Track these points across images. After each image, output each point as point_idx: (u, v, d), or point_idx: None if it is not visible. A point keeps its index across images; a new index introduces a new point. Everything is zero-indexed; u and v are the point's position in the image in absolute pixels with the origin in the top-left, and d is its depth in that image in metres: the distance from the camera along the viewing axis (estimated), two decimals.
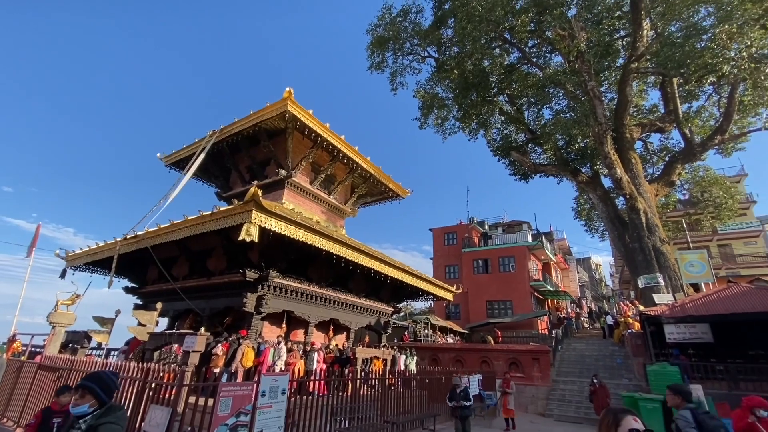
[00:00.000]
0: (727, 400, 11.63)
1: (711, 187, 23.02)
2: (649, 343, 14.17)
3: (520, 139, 26.13)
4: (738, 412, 5.68)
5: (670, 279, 17.69)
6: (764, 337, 12.93)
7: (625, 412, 1.65)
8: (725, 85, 19.11)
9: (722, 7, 14.44)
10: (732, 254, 29.41)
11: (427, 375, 12.44)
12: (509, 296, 24.46)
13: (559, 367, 17.37)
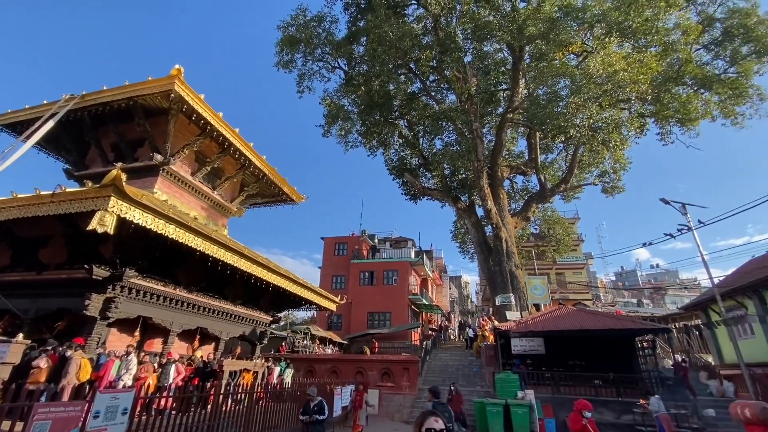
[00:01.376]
0: (551, 402, 14.09)
1: (555, 225, 28.19)
2: (498, 354, 16.36)
3: (414, 162, 28.14)
4: (573, 415, 6.60)
5: (520, 299, 20.90)
6: (581, 350, 16.13)
7: (430, 413, 1.88)
8: (571, 145, 23.81)
9: (575, 83, 18.10)
10: (564, 281, 36.31)
11: (299, 387, 12.09)
12: (389, 308, 25.67)
13: (425, 376, 18.74)
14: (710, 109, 19.82)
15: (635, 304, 41.36)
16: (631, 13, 17.21)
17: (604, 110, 19.21)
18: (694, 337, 22.21)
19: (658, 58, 17.89)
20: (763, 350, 15.04)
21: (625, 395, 13.72)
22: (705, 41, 20.60)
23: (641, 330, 15.53)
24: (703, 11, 20.62)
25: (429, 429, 1.84)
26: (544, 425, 13.16)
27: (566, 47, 19.17)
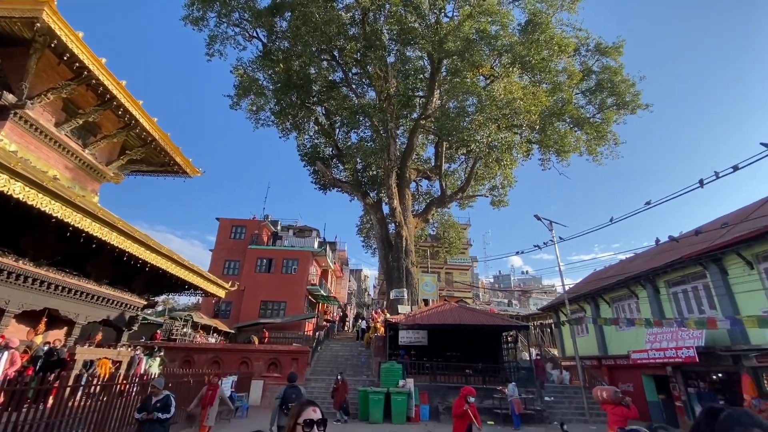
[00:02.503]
0: (428, 389, 15.35)
1: (449, 229, 30.69)
2: (387, 345, 17.20)
3: (328, 152, 27.79)
4: (457, 401, 7.21)
5: (412, 294, 22.27)
6: (458, 342, 17.88)
7: (309, 404, 1.75)
8: (471, 158, 26.13)
9: (481, 102, 19.88)
10: (452, 280, 39.80)
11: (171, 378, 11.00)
12: (285, 297, 24.97)
13: (314, 366, 18.75)
14: (579, 145, 23.72)
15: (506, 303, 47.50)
16: (532, 50, 19.58)
17: (501, 131, 21.54)
18: (547, 334, 26.46)
19: (548, 94, 20.71)
20: (593, 346, 18.61)
21: (489, 383, 15.64)
22: (583, 88, 24.52)
23: (507, 326, 17.88)
24: (584, 62, 24.50)
25: (307, 420, 1.70)
26: (419, 411, 14.27)
27: (478, 68, 20.94)
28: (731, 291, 11.95)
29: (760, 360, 10.85)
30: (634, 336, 14.87)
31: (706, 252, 12.22)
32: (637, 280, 15.69)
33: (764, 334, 10.40)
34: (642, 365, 14.48)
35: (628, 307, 16.92)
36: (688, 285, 13.91)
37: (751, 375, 11.16)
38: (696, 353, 11.72)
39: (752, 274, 11.39)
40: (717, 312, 12.17)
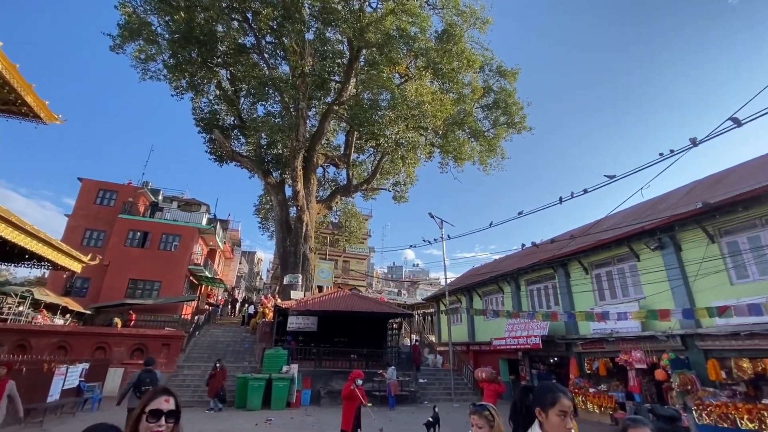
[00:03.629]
0: (312, 375, 15.43)
1: (352, 218, 31.09)
2: (274, 331, 16.73)
3: (229, 121, 25.50)
4: (347, 384, 7.62)
5: (307, 280, 22.00)
6: (348, 329, 18.29)
7: (163, 392, 1.60)
8: (379, 152, 26.80)
9: (394, 99, 20.45)
10: (349, 269, 40.51)
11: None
12: (161, 276, 22.26)
13: (189, 352, 17.24)
14: (474, 155, 26.22)
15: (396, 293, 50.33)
16: (445, 59, 20.86)
17: (409, 131, 22.55)
18: (428, 322, 28.86)
19: (453, 103, 22.35)
20: (464, 333, 20.92)
21: (372, 367, 16.40)
22: (482, 103, 27.08)
23: (394, 314, 18.97)
24: (486, 80, 27.05)
25: (154, 410, 1.51)
26: (300, 396, 14.26)
27: (395, 65, 21.48)
28: (571, 291, 14.64)
29: (584, 347, 13.57)
30: (497, 325, 17.17)
31: (556, 258, 14.73)
32: (504, 278, 18.10)
33: (589, 326, 13.01)
34: (500, 350, 16.83)
35: (495, 300, 19.44)
36: (541, 284, 16.59)
37: (577, 359, 13.90)
38: (540, 341, 14.09)
39: (587, 278, 14.14)
40: (559, 307, 14.80)
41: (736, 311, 8.11)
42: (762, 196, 9.02)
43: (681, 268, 10.88)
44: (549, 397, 1.70)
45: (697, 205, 10.27)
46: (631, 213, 14.33)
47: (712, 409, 9.00)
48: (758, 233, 9.62)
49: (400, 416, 12.86)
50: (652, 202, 14.72)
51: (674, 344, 10.53)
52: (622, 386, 12.03)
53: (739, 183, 10.59)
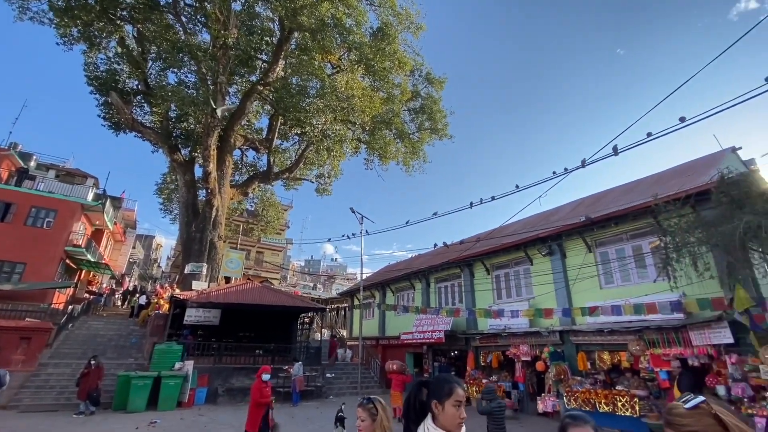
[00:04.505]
0: (211, 371, 14.27)
1: (270, 207, 29.56)
2: (168, 324, 15.10)
3: (132, 85, 22.36)
4: (256, 385, 7.28)
5: (212, 270, 20.30)
6: (255, 323, 17.32)
7: None
8: (305, 141, 25.91)
9: (323, 88, 19.89)
10: (262, 260, 38.56)
11: None
12: (26, 258, 18.56)
13: (59, 348, 14.73)
14: (398, 155, 26.86)
15: (312, 287, 49.46)
16: (377, 57, 20.93)
17: (336, 123, 22.19)
18: (341, 317, 28.83)
19: (382, 102, 22.57)
20: (375, 328, 21.31)
21: (279, 362, 15.77)
22: (410, 106, 27.88)
23: (306, 308, 18.52)
24: (416, 85, 27.88)
25: None
26: (194, 395, 13.11)
27: (327, 54, 20.91)
28: (474, 289, 15.81)
29: (481, 341, 14.76)
30: (406, 320, 17.81)
31: (463, 259, 15.79)
32: (416, 275, 18.87)
33: (486, 322, 14.19)
34: (407, 344, 17.49)
35: (407, 296, 20.17)
36: (449, 282, 17.64)
37: (474, 352, 15.06)
38: (444, 335, 14.96)
39: (488, 278, 15.40)
40: (462, 305, 15.88)
41: (603, 311, 9.51)
42: (629, 214, 10.72)
43: (564, 272, 12.44)
44: (446, 388, 1.73)
45: (581, 219, 11.82)
46: (529, 222, 15.99)
47: (578, 395, 10.44)
48: (623, 246, 11.43)
49: (303, 412, 12.56)
50: (546, 214, 16.59)
51: (554, 339, 11.99)
52: (510, 377, 13.35)
53: (614, 202, 12.47)
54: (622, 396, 9.61)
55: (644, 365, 9.64)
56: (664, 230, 8.72)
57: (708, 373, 8.73)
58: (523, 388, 12.65)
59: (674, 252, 7.85)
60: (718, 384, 8.33)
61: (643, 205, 9.77)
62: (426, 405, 1.79)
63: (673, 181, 11.31)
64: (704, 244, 7.52)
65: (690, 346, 8.87)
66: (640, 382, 9.86)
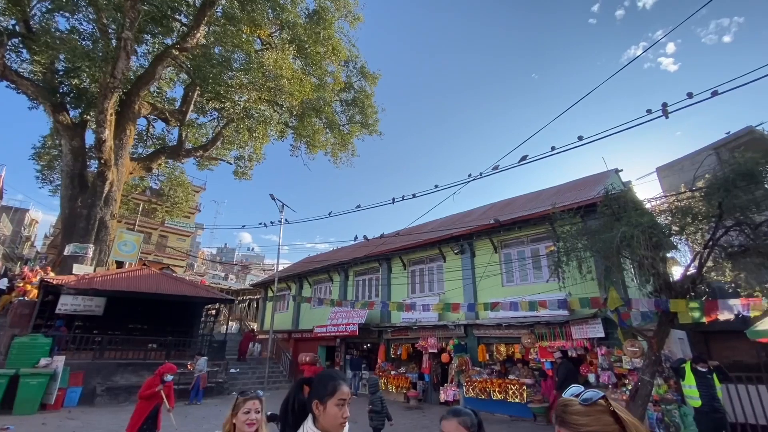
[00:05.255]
0: (89, 368, 12.39)
1: (178, 187, 26.73)
2: (35, 314, 12.76)
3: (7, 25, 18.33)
4: (150, 380, 6.36)
5: (101, 252, 17.66)
6: (150, 313, 15.48)
7: None
8: (224, 118, 23.90)
9: (249, 63, 18.47)
10: (165, 245, 34.83)
11: None
12: None
13: None
14: (327, 146, 26.25)
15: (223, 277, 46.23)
16: (311, 40, 20.11)
17: (262, 103, 20.86)
18: (252, 309, 27.36)
19: (313, 88, 21.77)
20: (288, 321, 20.60)
21: (177, 357, 14.31)
22: (342, 97, 27.41)
23: (211, 299, 17.12)
24: (349, 76, 27.47)
25: None
26: (64, 395, 11.27)
27: (257, 28, 19.46)
28: (391, 283, 16.12)
29: (393, 334, 15.10)
30: (321, 313, 17.50)
31: (383, 253, 16.00)
32: (336, 268, 18.64)
33: (399, 316, 14.55)
34: (321, 337, 17.21)
35: (325, 288, 19.84)
36: (367, 276, 17.75)
37: (386, 345, 15.36)
38: (358, 328, 15.00)
39: (404, 273, 15.81)
40: (378, 298, 16.09)
41: (503, 307, 10.32)
42: (531, 220, 11.79)
43: (473, 270, 13.27)
44: (330, 386, 1.60)
45: (491, 221, 12.70)
46: (445, 221, 16.80)
47: (476, 384, 11.21)
48: (524, 248, 12.56)
49: (199, 411, 11.58)
50: (461, 215, 17.59)
51: (459, 332, 12.74)
52: (417, 368, 13.88)
53: (520, 208, 13.64)
54: (513, 384, 10.56)
55: (533, 356, 10.72)
56: (558, 236, 9.73)
57: (582, 363, 10.00)
58: (429, 379, 13.24)
59: (564, 256, 8.79)
60: (589, 372, 9.59)
61: (543, 212, 10.81)
62: (307, 405, 1.63)
63: (569, 194, 12.74)
64: (588, 249, 8.54)
65: (571, 339, 10.08)
66: (529, 371, 10.95)
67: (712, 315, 6.92)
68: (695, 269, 8.02)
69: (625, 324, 9.02)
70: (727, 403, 7.59)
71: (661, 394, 8.16)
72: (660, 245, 7.81)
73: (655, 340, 8.08)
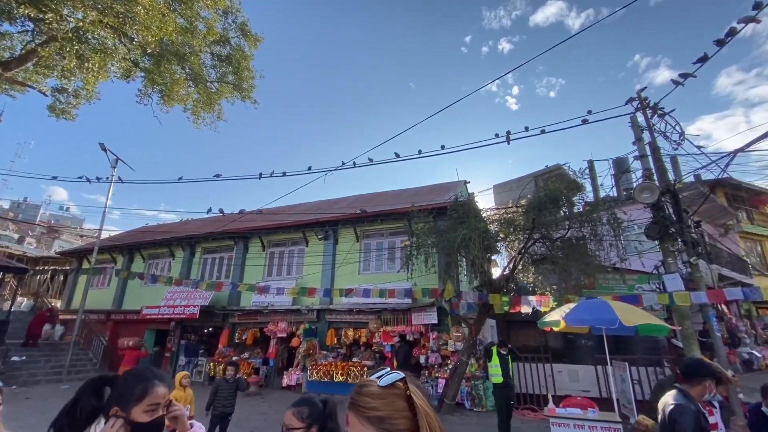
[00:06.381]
0: None
1: None
2: None
3: None
4: None
5: None
6: None
7: None
8: (43, 34, 18.20)
9: None
10: None
11: None
12: None
13: None
14: (187, 100, 22.71)
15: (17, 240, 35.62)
16: None
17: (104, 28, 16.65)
18: (57, 283, 21.84)
19: (178, 30, 18.45)
20: (109, 299, 17.16)
21: None
22: (216, 51, 24.12)
23: None
24: (226, 30, 24.36)
25: None
26: None
27: None
28: (245, 264, 15.03)
29: (241, 318, 14.13)
30: (154, 293, 15.13)
31: (241, 231, 14.80)
32: (181, 242, 16.39)
33: (250, 298, 13.68)
34: (150, 320, 14.91)
35: (163, 265, 17.22)
36: (219, 254, 16.16)
37: (231, 329, 14.26)
38: (199, 311, 13.50)
39: (263, 254, 14.94)
40: (228, 279, 14.82)
41: (357, 293, 10.73)
42: (393, 215, 12.58)
43: (333, 256, 13.44)
44: (138, 388, 1.28)
45: (357, 211, 13.06)
46: (313, 206, 16.58)
47: (321, 368, 11.41)
48: (383, 240, 13.34)
49: None
50: (330, 202, 17.64)
51: (311, 317, 12.75)
52: (262, 353, 13.34)
53: (385, 202, 14.41)
54: (356, 366, 11.13)
55: (377, 340, 11.49)
56: (413, 232, 10.64)
57: (417, 345, 11.22)
58: (274, 363, 12.88)
59: (415, 250, 9.66)
60: (421, 354, 10.81)
61: (404, 209, 11.65)
62: (99, 411, 1.24)
63: (427, 195, 14.08)
64: (435, 246, 9.58)
65: (410, 325, 11.18)
66: (371, 354, 11.71)
67: (516, 308, 8.60)
68: (509, 270, 9.86)
69: (455, 312, 10.46)
70: (516, 378, 9.59)
71: (473, 372, 9.77)
72: (489, 248, 9.29)
73: (475, 327, 9.62)
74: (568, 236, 9.05)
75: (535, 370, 9.92)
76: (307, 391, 11.51)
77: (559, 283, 9.10)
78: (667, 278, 7.34)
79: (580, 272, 8.80)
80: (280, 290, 11.19)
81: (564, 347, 11.51)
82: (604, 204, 9.69)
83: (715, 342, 6.73)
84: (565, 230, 9.04)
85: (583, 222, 8.82)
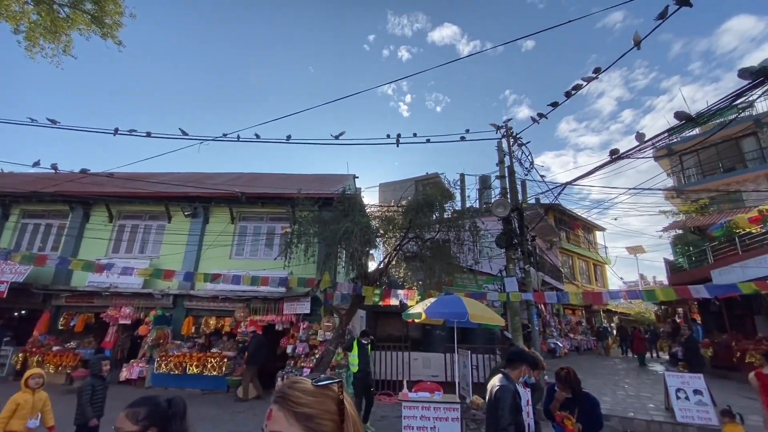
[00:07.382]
0: None
1: None
2: None
3: None
4: None
5: None
6: None
7: None
8: None
9: None
10: None
11: None
12: None
13: None
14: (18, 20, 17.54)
15: None
16: None
17: None
18: None
19: None
20: None
21: None
22: None
23: None
24: None
25: None
26: None
27: None
28: (83, 235, 12.42)
29: (70, 300, 11.63)
30: None
31: (80, 194, 12.18)
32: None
33: (86, 278, 11.37)
34: None
35: None
36: (46, 220, 13.00)
37: (53, 313, 11.62)
38: (6, 289, 10.63)
39: (109, 226, 12.58)
40: (57, 252, 12.04)
41: (225, 279, 9.89)
42: (276, 199, 12.00)
43: (201, 236, 12.14)
44: None
45: (236, 191, 12.07)
46: (182, 177, 14.66)
47: (171, 359, 10.20)
48: (262, 225, 12.63)
49: None
50: (203, 175, 15.87)
51: (166, 302, 11.28)
52: (96, 342, 11.27)
53: (269, 185, 13.64)
54: (214, 357, 10.29)
55: (242, 329, 10.82)
56: (295, 219, 10.34)
57: (285, 335, 10.95)
58: (110, 354, 10.98)
59: (296, 238, 9.42)
60: (289, 344, 10.59)
61: (289, 195, 11.23)
62: None
63: (314, 184, 13.86)
64: (317, 236, 9.50)
65: (281, 314, 10.84)
66: (234, 344, 10.97)
67: (386, 300, 9.15)
68: (384, 265, 10.43)
69: (329, 303, 10.56)
70: (377, 366, 10.19)
71: (338, 361, 10.03)
72: (369, 242, 9.64)
73: (346, 317, 9.88)
74: (436, 238, 10.02)
75: (395, 358, 10.72)
76: (152, 386, 10.17)
77: (424, 279, 10.00)
78: (507, 280, 8.79)
79: (443, 271, 9.83)
80: (128, 270, 9.57)
81: (422, 337, 12.73)
82: (468, 213, 11.03)
83: (534, 334, 8.33)
84: (435, 232, 9.99)
85: (450, 227, 9.87)
